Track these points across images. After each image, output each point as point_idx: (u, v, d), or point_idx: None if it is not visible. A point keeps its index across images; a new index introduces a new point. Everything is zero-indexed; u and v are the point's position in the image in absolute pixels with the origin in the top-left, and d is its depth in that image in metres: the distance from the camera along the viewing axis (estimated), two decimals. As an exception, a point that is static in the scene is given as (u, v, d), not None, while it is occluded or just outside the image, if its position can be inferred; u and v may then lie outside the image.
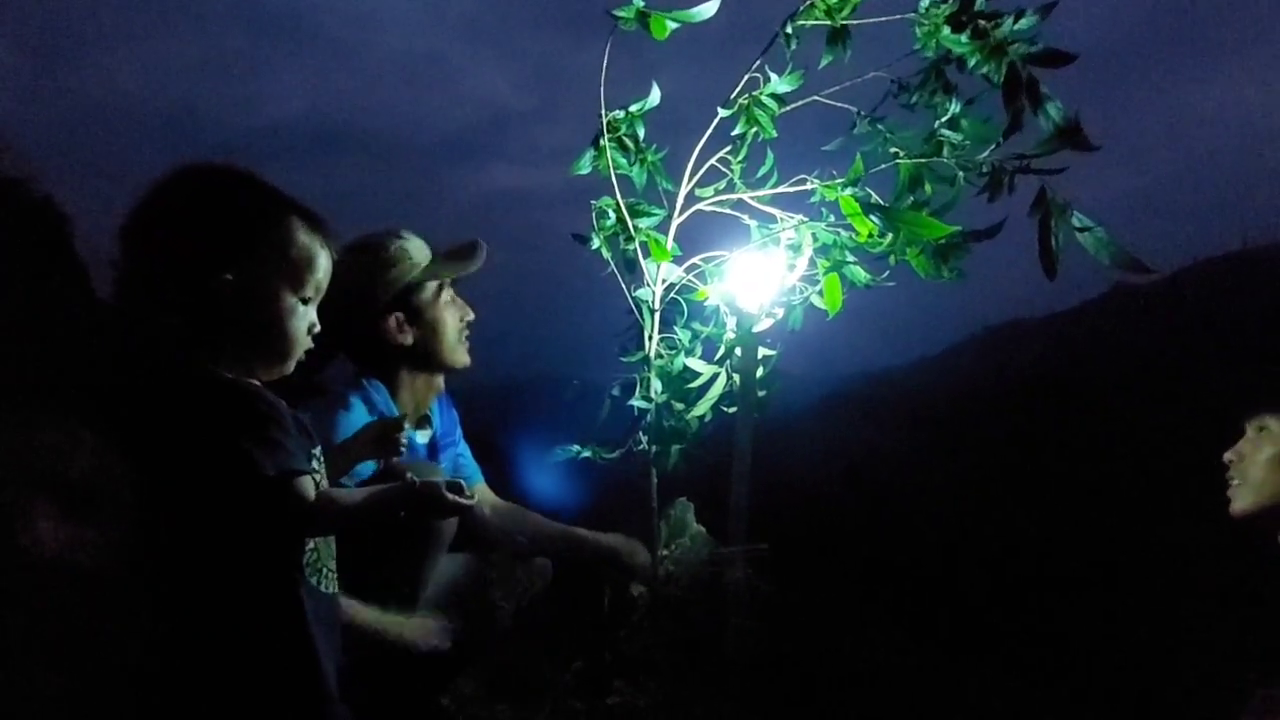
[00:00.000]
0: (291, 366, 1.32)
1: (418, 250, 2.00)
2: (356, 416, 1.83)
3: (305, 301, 1.30)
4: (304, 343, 1.32)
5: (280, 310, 1.26)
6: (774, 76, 1.95)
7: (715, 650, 2.11)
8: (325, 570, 1.32)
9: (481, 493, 2.24)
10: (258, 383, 1.27)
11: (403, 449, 1.57)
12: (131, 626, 2.57)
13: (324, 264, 1.31)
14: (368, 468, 1.78)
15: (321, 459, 1.34)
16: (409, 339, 1.97)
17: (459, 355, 2.05)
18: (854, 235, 1.89)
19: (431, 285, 2.00)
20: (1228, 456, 1.70)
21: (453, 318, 2.04)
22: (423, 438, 2.06)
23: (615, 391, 2.21)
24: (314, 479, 1.28)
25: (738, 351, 2.08)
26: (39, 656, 2.43)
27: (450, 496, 1.26)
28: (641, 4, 1.78)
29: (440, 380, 2.08)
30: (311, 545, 1.28)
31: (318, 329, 1.34)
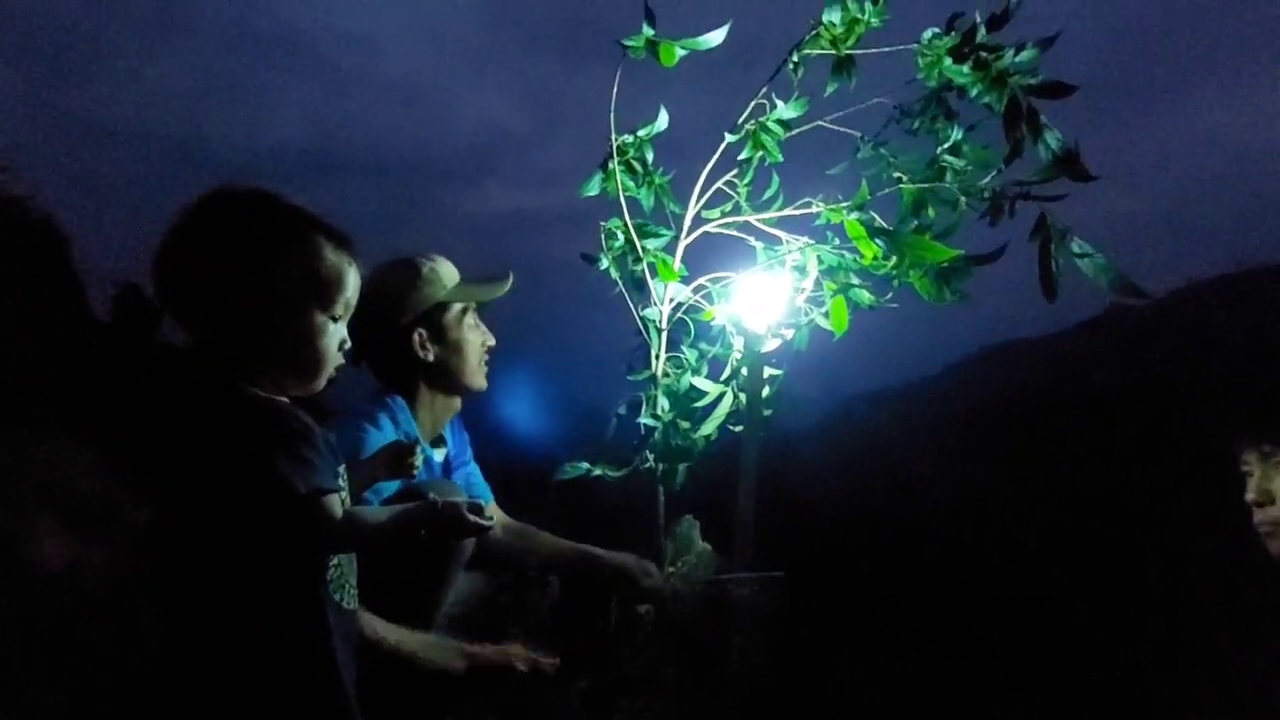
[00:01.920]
0: (322, 384, 1.33)
1: (447, 272, 2.05)
2: (385, 433, 1.85)
3: (335, 319, 1.31)
4: (335, 360, 1.33)
5: (312, 328, 1.28)
6: (779, 103, 2.00)
7: (721, 669, 2.12)
8: (348, 586, 1.33)
9: (492, 511, 2.25)
10: (288, 400, 1.29)
11: (416, 471, 1.59)
12: (134, 643, 2.57)
13: (352, 281, 1.33)
14: (391, 486, 1.80)
15: (346, 477, 1.36)
16: (430, 356, 2.00)
17: (477, 379, 2.07)
18: (858, 258, 1.92)
19: (456, 307, 2.03)
20: (1251, 498, 1.59)
21: (475, 341, 2.06)
22: (438, 456, 2.08)
23: (622, 410, 2.24)
24: (340, 497, 1.30)
25: (744, 371, 2.11)
26: (41, 672, 2.43)
27: (471, 518, 1.28)
28: (651, 33, 1.83)
29: (458, 402, 2.09)
30: (335, 562, 1.29)
31: (349, 345, 1.35)
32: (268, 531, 1.20)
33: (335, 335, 1.32)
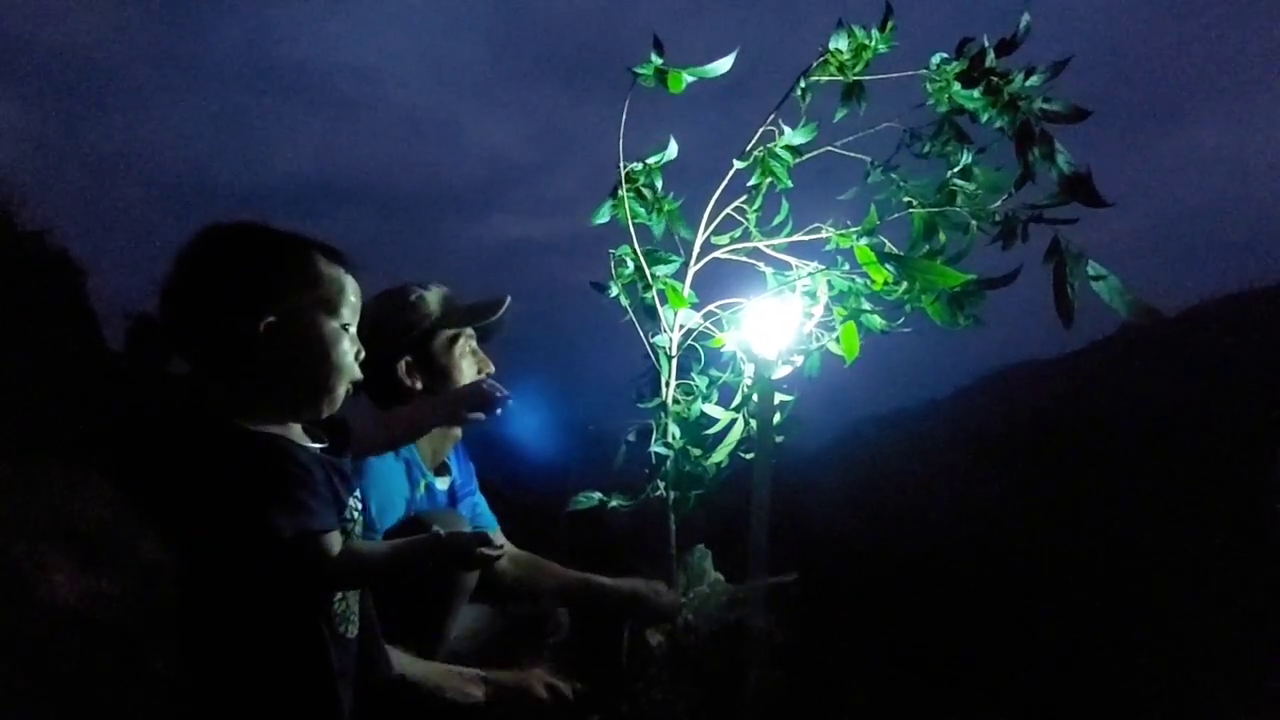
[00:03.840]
0: (341, 396, 1.32)
1: (435, 300, 2.03)
2: (385, 461, 1.83)
3: (345, 328, 1.32)
4: (351, 370, 1.33)
5: (326, 339, 1.28)
6: (788, 129, 2.00)
7: (735, 700, 2.08)
8: (352, 616, 1.32)
9: (499, 541, 2.23)
10: (287, 436, 1.27)
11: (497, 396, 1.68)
12: (144, 674, 2.55)
13: (352, 287, 1.34)
14: (395, 515, 1.78)
15: (360, 505, 1.35)
16: (418, 384, 1.97)
17: None
18: (869, 283, 1.91)
19: (446, 334, 2.01)
20: None
21: (468, 368, 2.03)
22: (442, 484, 2.06)
23: (631, 437, 2.22)
24: (349, 527, 1.28)
25: (755, 398, 2.09)
26: (51, 704, 2.42)
27: (477, 549, 1.26)
28: (660, 62, 1.84)
29: (458, 430, 2.06)
30: (340, 595, 1.28)
31: (364, 355, 1.36)
32: (261, 573, 1.19)
33: (351, 345, 1.33)
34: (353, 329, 1.34)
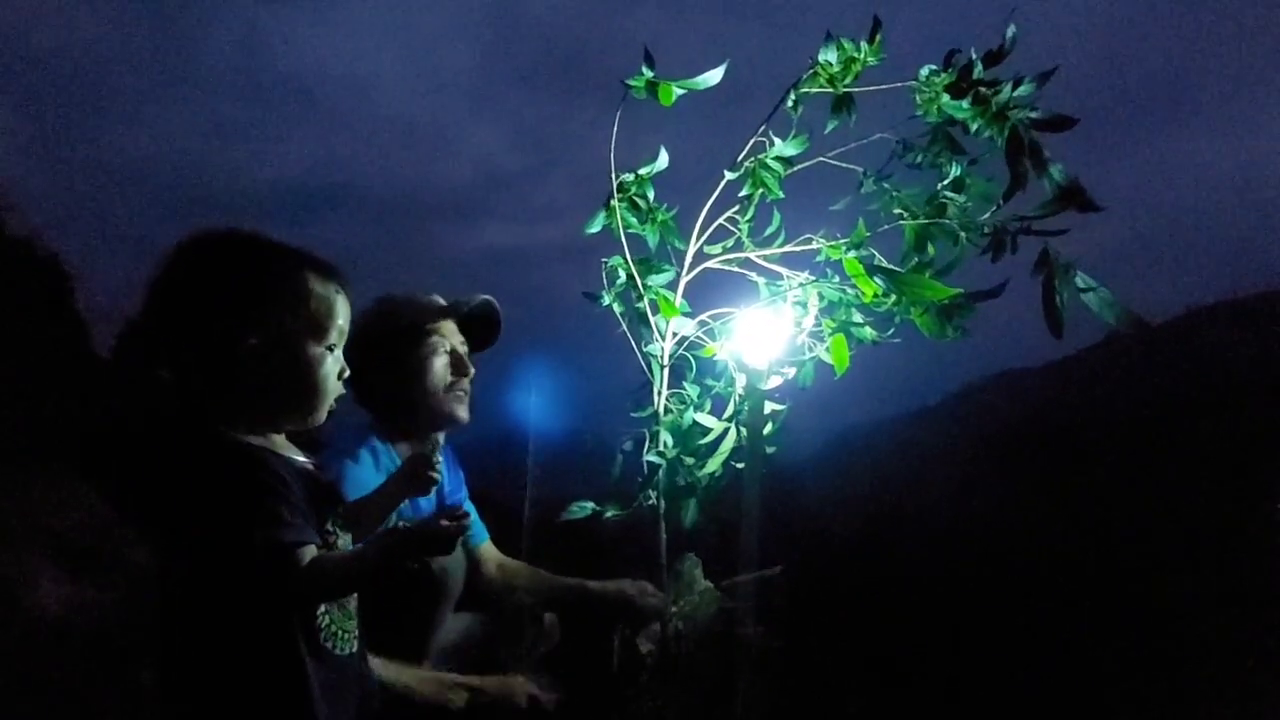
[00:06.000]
0: (324, 415, 1.32)
1: (411, 307, 2.01)
2: (363, 467, 1.82)
3: (330, 348, 1.30)
4: (334, 390, 1.32)
5: (308, 363, 1.27)
6: (778, 140, 2.00)
7: (726, 709, 2.08)
8: (340, 633, 1.30)
9: (488, 550, 2.22)
10: (269, 447, 1.26)
11: (438, 478, 1.56)
12: (130, 687, 2.54)
13: (342, 309, 1.32)
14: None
15: (341, 519, 1.33)
16: (389, 387, 1.95)
17: (446, 409, 2.00)
18: (860, 294, 1.92)
19: (423, 339, 1.98)
20: None
21: (442, 370, 2.00)
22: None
23: (627, 446, 2.21)
24: (331, 540, 1.27)
25: (746, 408, 2.09)
26: (37, 714, 2.40)
27: (442, 523, 1.23)
28: (651, 74, 1.84)
29: (439, 437, 2.04)
30: (323, 610, 1.26)
31: (348, 373, 1.34)
32: (235, 583, 1.18)
33: (333, 365, 1.31)
34: (338, 350, 1.32)
